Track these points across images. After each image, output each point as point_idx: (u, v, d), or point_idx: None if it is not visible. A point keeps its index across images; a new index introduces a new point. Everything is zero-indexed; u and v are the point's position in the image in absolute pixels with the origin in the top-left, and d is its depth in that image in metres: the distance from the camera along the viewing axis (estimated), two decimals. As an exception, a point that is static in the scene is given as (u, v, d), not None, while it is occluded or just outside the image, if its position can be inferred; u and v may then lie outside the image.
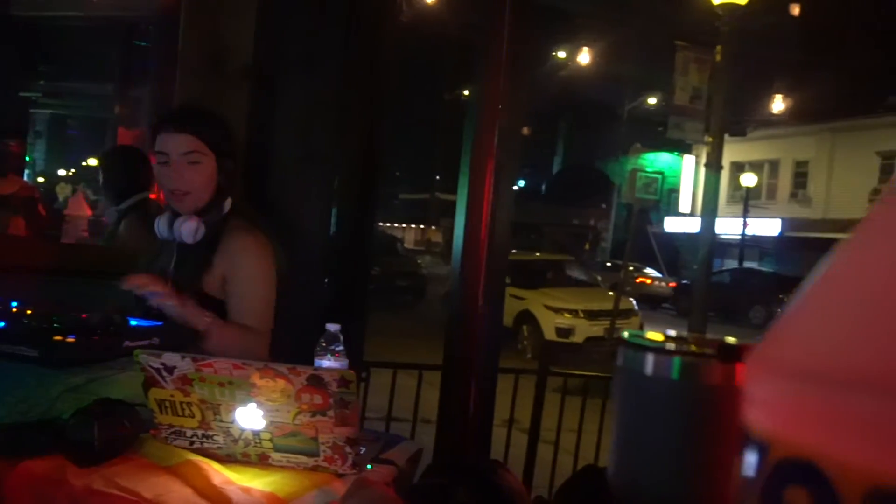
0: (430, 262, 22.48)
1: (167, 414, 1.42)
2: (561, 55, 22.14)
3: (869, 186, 20.60)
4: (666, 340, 0.63)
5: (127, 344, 1.63)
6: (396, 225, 37.07)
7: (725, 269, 22.44)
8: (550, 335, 11.30)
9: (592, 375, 4.53)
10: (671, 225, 27.46)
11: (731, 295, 18.24)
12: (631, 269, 19.31)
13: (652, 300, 20.56)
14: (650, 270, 22.60)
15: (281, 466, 1.44)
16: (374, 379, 3.65)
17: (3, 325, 1.65)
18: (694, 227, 18.11)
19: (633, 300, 13.21)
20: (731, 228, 23.59)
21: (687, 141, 13.64)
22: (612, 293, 12.18)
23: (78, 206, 5.79)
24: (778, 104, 21.91)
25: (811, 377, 0.30)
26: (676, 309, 20.27)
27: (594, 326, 11.22)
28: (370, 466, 1.51)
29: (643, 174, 11.35)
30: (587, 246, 28.47)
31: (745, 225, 22.49)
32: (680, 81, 12.28)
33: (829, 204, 23.45)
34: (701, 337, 0.65)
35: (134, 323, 1.80)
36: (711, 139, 10.70)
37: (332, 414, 1.35)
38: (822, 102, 21.48)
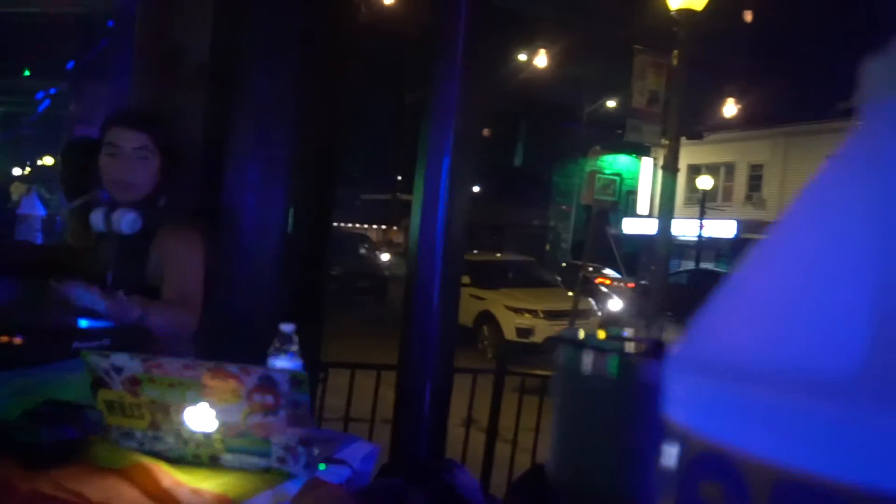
0: (391, 262, 22.43)
1: (116, 415, 1.40)
2: (522, 58, 22.23)
3: (821, 189, 20.95)
4: (604, 339, 0.64)
5: (76, 345, 1.61)
6: (358, 225, 36.90)
7: (683, 269, 22.72)
8: (511, 335, 11.36)
9: (550, 375, 4.56)
10: (630, 226, 27.75)
11: (688, 295, 18.44)
12: (590, 269, 19.46)
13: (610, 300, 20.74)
14: (609, 271, 22.80)
15: (232, 468, 1.42)
16: (333, 379, 3.63)
17: (-53, 325, 1.61)
18: (652, 228, 18.34)
19: (592, 300, 13.33)
20: (688, 230, 23.90)
21: (645, 143, 13.81)
22: (571, 293, 12.28)
23: (31, 205, 5.68)
24: (733, 108, 22.27)
25: (722, 373, 0.31)
26: (635, 309, 20.47)
27: (554, 326, 11.30)
28: (323, 467, 1.51)
29: (602, 176, 11.46)
30: (547, 247, 28.64)
31: (701, 226, 22.79)
32: (637, 85, 12.41)
33: (782, 206, 23.42)
34: (639, 336, 0.66)
35: (84, 324, 1.78)
36: (668, 142, 10.83)
37: (283, 414, 1.34)
38: (776, 107, 21.90)
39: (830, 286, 0.30)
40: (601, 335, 0.68)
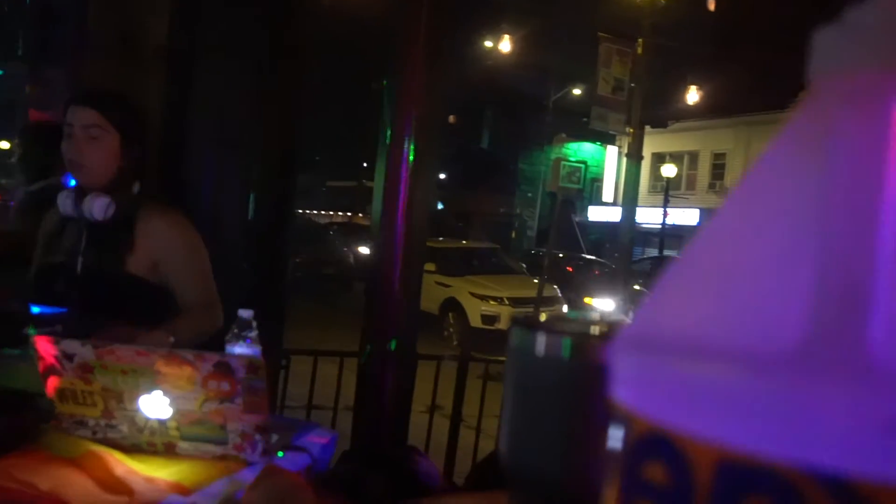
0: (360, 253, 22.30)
1: (68, 403, 1.37)
2: (487, 45, 22.21)
3: (781, 178, 21.30)
4: (556, 321, 0.63)
5: (27, 332, 1.57)
6: (324, 212, 36.69)
7: (646, 257, 22.97)
8: (476, 322, 11.39)
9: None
10: (595, 214, 27.95)
11: (651, 282, 18.63)
12: (560, 256, 19.57)
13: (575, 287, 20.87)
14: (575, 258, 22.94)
15: (188, 455, 1.40)
16: (296, 367, 3.61)
17: None
18: (616, 216, 18.49)
19: (556, 287, 13.41)
20: (652, 218, 24.15)
21: (610, 132, 13.91)
22: (536, 280, 12.35)
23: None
24: (696, 97, 22.49)
25: (664, 352, 0.30)
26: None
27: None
28: (281, 454, 1.49)
29: (567, 163, 11.52)
30: (513, 234, 28.74)
31: (665, 214, 23.04)
32: (603, 73, 12.49)
33: (744, 194, 24.14)
34: (594, 317, 0.66)
35: (36, 310, 1.74)
36: (632, 130, 10.93)
37: (240, 401, 1.32)
38: (738, 96, 22.16)
39: (772, 264, 0.29)
40: (559, 317, 0.67)
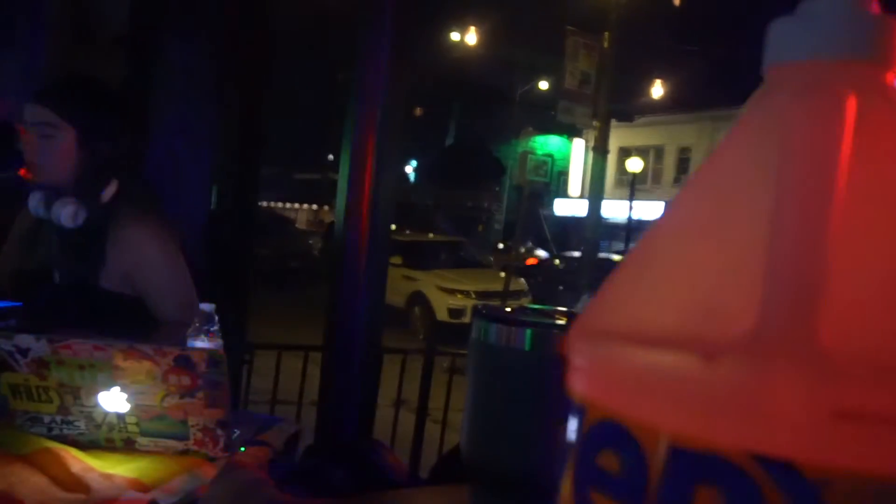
0: (322, 243, 22.20)
1: (22, 399, 1.34)
2: (455, 37, 22.20)
3: (745, 173, 21.61)
4: (518, 313, 0.63)
5: (-20, 326, 1.53)
6: (290, 205, 36.45)
7: (612, 250, 23.16)
8: (443, 316, 11.40)
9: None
10: (561, 207, 28.11)
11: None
12: (522, 250, 19.65)
13: (542, 280, 20.98)
14: (541, 252, 23.06)
15: (148, 451, 1.38)
16: (259, 361, 3.57)
17: None
18: (583, 209, 18.60)
19: (524, 281, 13.46)
20: (618, 212, 24.33)
21: (576, 125, 13.97)
22: (503, 274, 12.38)
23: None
24: (661, 91, 22.70)
25: (618, 340, 0.30)
26: (566, 289, 20.78)
27: (486, 307, 11.34)
28: (243, 449, 1.47)
29: (533, 157, 11.54)
30: (480, 227, 28.79)
31: (631, 208, 23.22)
32: (570, 66, 12.53)
33: (708, 189, 24.45)
34: (555, 310, 0.66)
35: (-11, 304, 1.70)
36: (598, 124, 10.99)
37: (201, 395, 1.31)
38: (703, 91, 22.42)
39: (724, 254, 0.29)
40: (521, 309, 0.67)
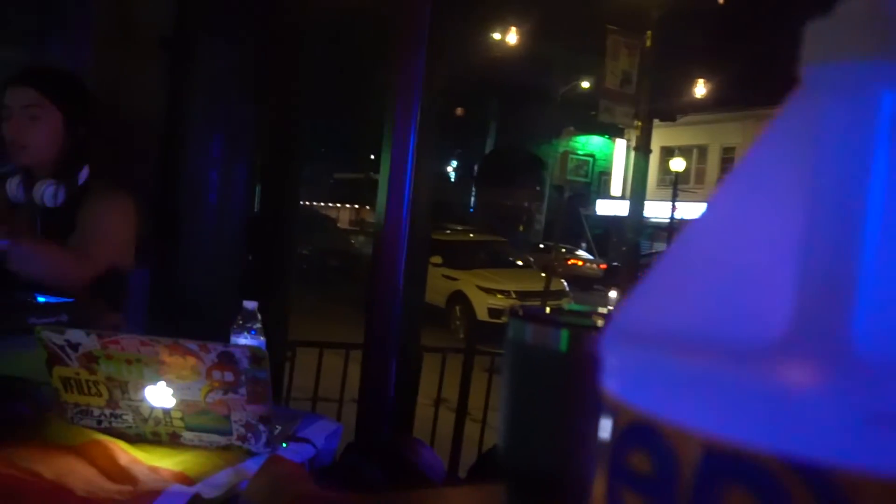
0: (363, 241, 22.34)
1: (72, 393, 1.37)
2: (495, 37, 22.16)
3: (791, 172, 21.23)
4: (554, 313, 0.63)
5: (32, 320, 1.57)
6: (331, 205, 36.74)
7: (655, 251, 22.91)
8: (483, 316, 11.39)
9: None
10: (603, 208, 27.89)
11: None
12: (563, 250, 19.57)
13: (583, 282, 20.86)
14: (582, 252, 22.93)
15: (193, 445, 1.41)
16: (301, 358, 3.61)
17: None
18: (625, 210, 18.46)
19: (564, 281, 13.40)
20: (660, 212, 24.07)
21: (618, 125, 13.87)
22: (543, 274, 12.33)
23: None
24: (704, 90, 22.40)
25: (652, 343, 0.30)
26: (608, 290, 20.63)
27: (526, 307, 11.30)
28: (285, 445, 1.50)
29: (574, 157, 11.49)
30: (520, 227, 28.71)
31: (673, 209, 22.98)
32: (610, 66, 12.43)
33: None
34: (592, 310, 0.66)
35: (42, 299, 1.74)
36: (640, 123, 10.89)
37: (243, 391, 1.33)
38: (748, 89, 22.05)
39: (758, 255, 0.29)
40: (558, 309, 0.67)
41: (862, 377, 0.25)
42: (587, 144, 25.36)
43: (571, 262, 21.67)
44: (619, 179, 28.09)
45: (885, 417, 0.24)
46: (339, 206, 37.55)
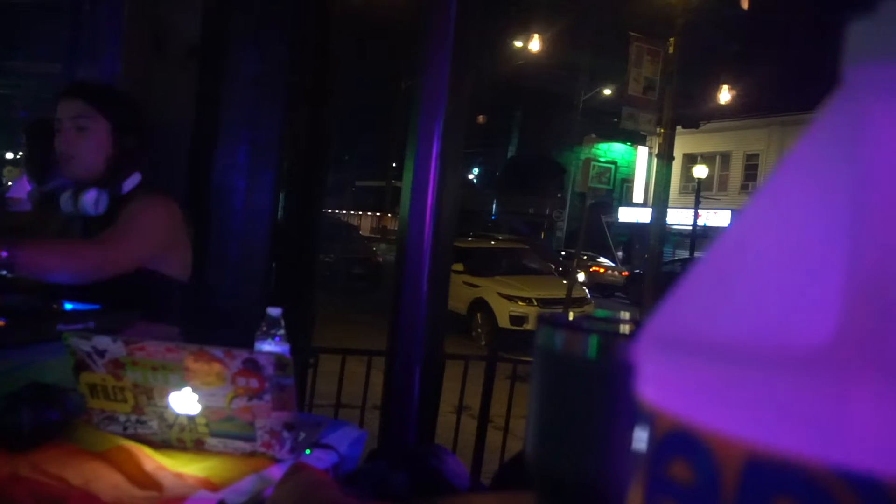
0: (385, 249, 22.42)
1: (99, 399, 1.38)
2: (518, 44, 22.17)
3: (816, 179, 21.04)
4: (584, 320, 0.62)
5: (60, 327, 1.59)
6: (353, 212, 36.88)
7: (677, 258, 22.75)
8: (504, 323, 11.36)
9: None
10: (625, 215, 27.76)
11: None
12: (584, 258, 19.48)
13: (605, 289, 20.77)
14: (604, 259, 22.83)
15: (217, 452, 1.41)
16: (324, 366, 3.62)
17: (-71, 307, 1.60)
18: (647, 217, 18.35)
19: (586, 289, 13.33)
20: (683, 219, 23.92)
21: (640, 132, 13.82)
22: (565, 281, 12.28)
23: (22, 188, 5.58)
24: (728, 96, 22.25)
25: (694, 349, 0.29)
26: (629, 298, 20.52)
27: (548, 315, 11.25)
28: (309, 451, 1.50)
29: (596, 164, 11.47)
30: (542, 234, 28.64)
31: (696, 216, 22.82)
32: (633, 72, 12.38)
33: (777, 196, 23.87)
34: (620, 317, 0.65)
35: (69, 306, 1.76)
36: (663, 130, 10.83)
37: (268, 398, 1.33)
38: (771, 96, 21.89)
39: (803, 259, 0.28)
40: (587, 316, 0.67)
41: (914, 384, 0.24)
42: (609, 151, 25.27)
43: (593, 269, 21.57)
44: (641, 186, 27.95)
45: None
46: (360, 213, 37.69)
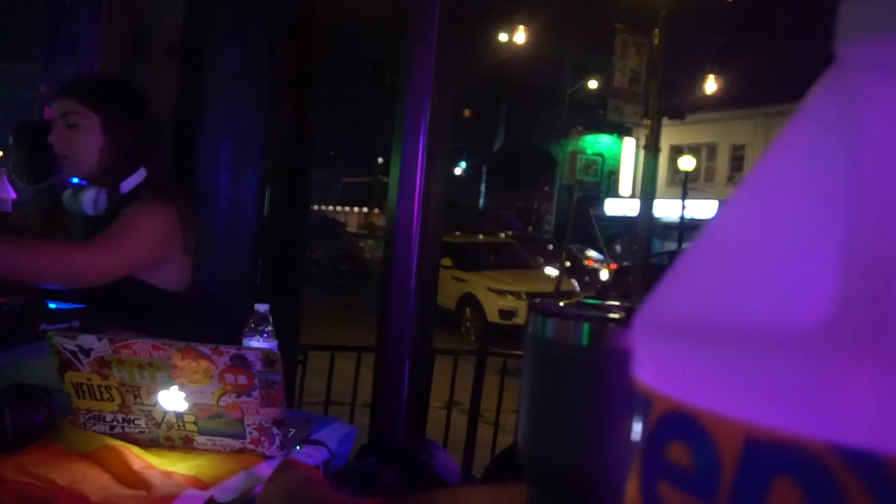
0: (372, 245, 22.38)
1: (85, 398, 1.37)
2: (503, 38, 22.15)
3: (801, 170, 21.18)
4: (574, 307, 0.62)
5: (44, 327, 1.57)
6: (340, 208, 36.82)
7: (665, 251, 22.82)
8: (493, 317, 11.37)
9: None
10: (612, 207, 27.81)
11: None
12: (573, 251, 19.48)
13: (594, 282, 20.78)
14: (592, 252, 22.85)
15: (206, 449, 1.40)
16: (313, 363, 3.61)
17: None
18: (634, 209, 18.39)
19: (574, 282, 13.36)
20: (670, 211, 23.99)
21: (626, 124, 13.83)
22: (553, 275, 12.30)
23: (2, 188, 5.52)
24: (714, 86, 22.31)
25: (690, 331, 0.29)
26: (617, 290, 20.55)
27: (537, 308, 11.27)
28: (299, 448, 1.49)
29: (583, 156, 11.46)
30: (530, 228, 28.65)
31: (683, 207, 22.88)
32: (619, 64, 12.39)
33: (763, 186, 24.01)
34: (611, 304, 0.64)
35: (53, 306, 1.74)
36: (649, 122, 10.86)
37: (257, 394, 1.32)
38: (756, 87, 21.99)
39: (798, 239, 0.28)
40: (577, 304, 0.66)
41: (914, 361, 0.24)
42: (596, 144, 25.29)
43: (586, 262, 21.55)
44: (628, 179, 28.00)
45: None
46: (347, 209, 37.63)
